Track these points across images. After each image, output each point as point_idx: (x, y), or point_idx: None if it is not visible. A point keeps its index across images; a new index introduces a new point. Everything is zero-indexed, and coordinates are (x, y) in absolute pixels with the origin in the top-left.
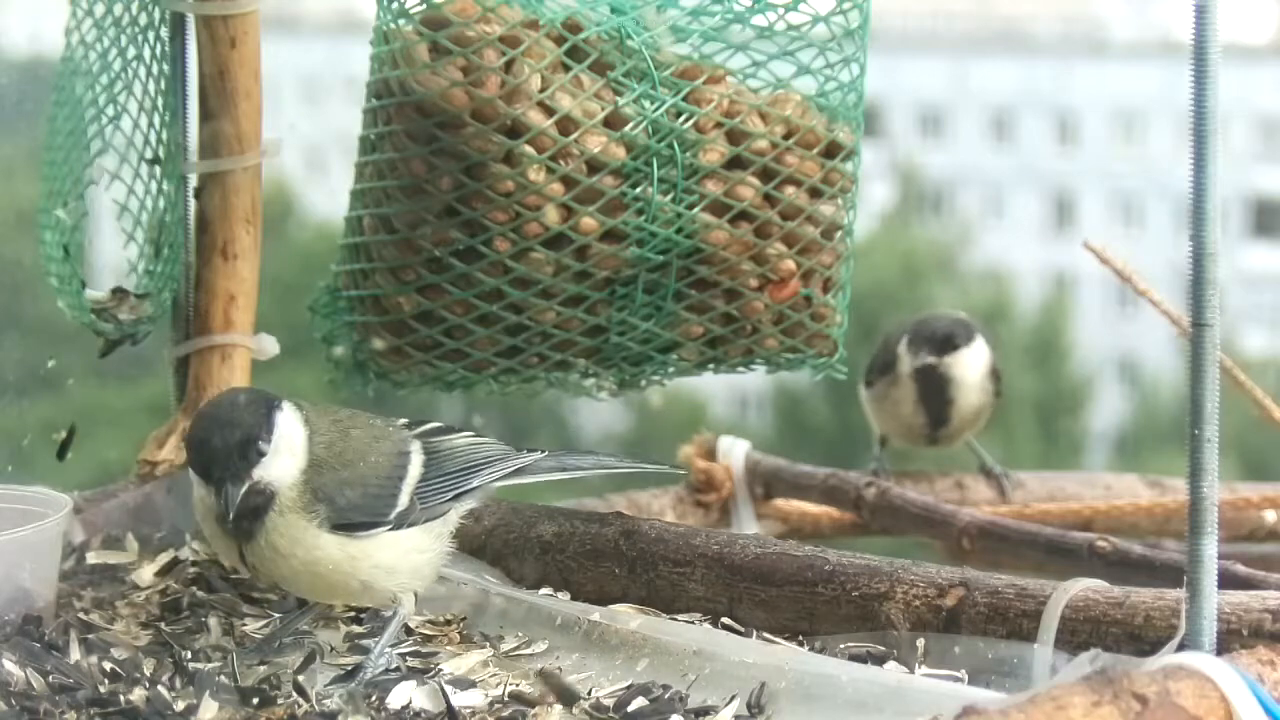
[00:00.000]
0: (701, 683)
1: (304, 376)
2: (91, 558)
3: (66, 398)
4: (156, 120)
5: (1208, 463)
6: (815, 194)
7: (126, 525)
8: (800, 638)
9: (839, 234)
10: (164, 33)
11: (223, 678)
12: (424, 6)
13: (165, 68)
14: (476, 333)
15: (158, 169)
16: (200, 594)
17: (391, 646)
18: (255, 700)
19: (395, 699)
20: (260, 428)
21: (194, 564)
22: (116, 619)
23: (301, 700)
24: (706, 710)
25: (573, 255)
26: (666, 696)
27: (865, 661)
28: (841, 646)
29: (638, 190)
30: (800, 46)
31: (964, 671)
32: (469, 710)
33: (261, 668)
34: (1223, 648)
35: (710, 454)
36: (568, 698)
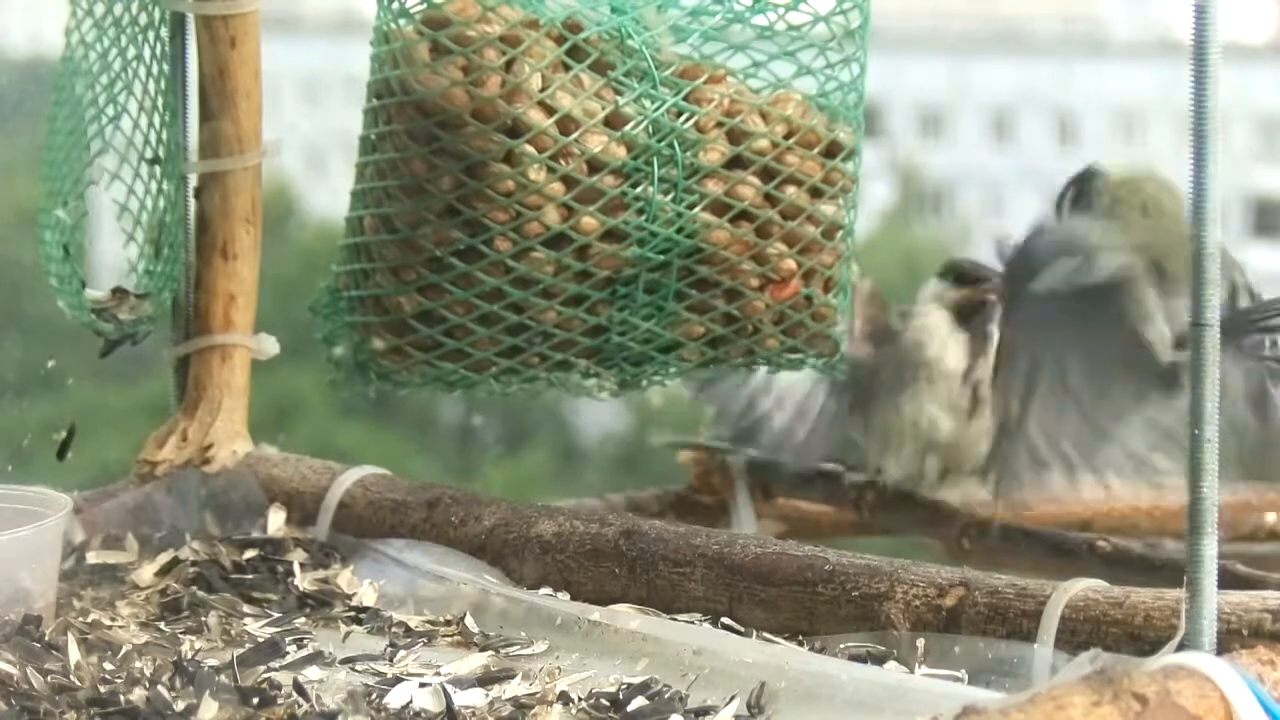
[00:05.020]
0: (701, 683)
1: (304, 376)
2: (91, 558)
3: (66, 398)
4: (156, 120)
5: (1208, 463)
6: (816, 194)
7: (126, 525)
8: (800, 638)
9: (840, 234)
10: (164, 33)
11: (223, 678)
12: (424, 6)
13: (165, 68)
14: (477, 333)
15: (158, 169)
16: (200, 594)
17: None
18: (255, 700)
19: (395, 699)
20: None
21: (194, 564)
22: (116, 619)
23: (301, 700)
24: (706, 710)
25: (573, 255)
26: (666, 696)
27: (865, 661)
28: (841, 646)
29: (638, 190)
30: (801, 46)
31: (964, 671)
32: (469, 710)
33: (261, 668)
34: (1223, 648)
35: (710, 454)
36: None
